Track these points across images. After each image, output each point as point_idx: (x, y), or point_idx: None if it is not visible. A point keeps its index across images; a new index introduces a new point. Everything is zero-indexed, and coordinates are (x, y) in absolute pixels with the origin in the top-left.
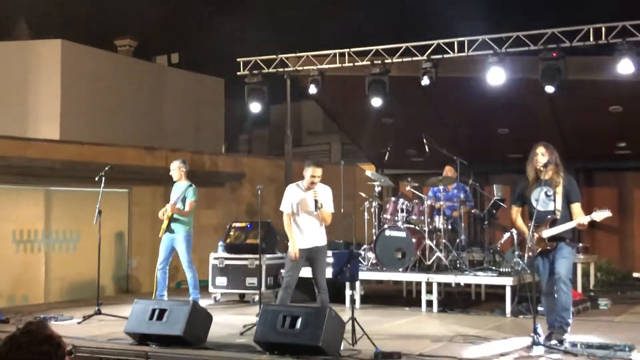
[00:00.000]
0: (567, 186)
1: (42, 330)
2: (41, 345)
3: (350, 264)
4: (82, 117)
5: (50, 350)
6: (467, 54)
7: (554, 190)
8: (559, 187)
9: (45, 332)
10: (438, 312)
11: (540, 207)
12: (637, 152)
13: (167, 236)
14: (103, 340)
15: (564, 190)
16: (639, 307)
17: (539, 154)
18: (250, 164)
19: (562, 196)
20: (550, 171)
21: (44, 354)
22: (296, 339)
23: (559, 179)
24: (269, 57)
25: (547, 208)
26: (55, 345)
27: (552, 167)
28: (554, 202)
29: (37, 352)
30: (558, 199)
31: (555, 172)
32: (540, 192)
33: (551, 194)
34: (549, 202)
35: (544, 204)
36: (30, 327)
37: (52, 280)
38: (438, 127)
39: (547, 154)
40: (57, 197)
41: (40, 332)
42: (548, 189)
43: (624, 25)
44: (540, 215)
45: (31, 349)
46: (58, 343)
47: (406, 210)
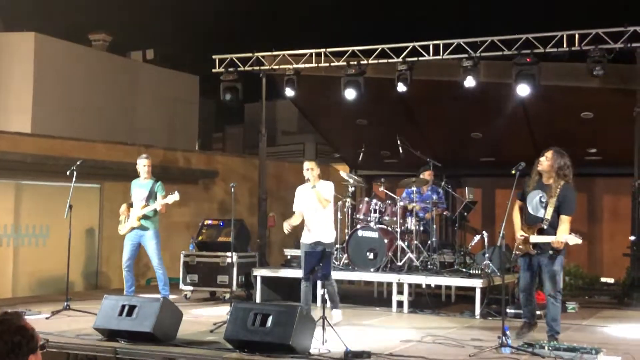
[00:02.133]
0: (561, 198)
1: (17, 321)
2: (14, 336)
3: (322, 263)
4: (54, 111)
5: (22, 341)
6: (442, 57)
7: (548, 198)
8: (554, 199)
9: (19, 323)
10: (408, 313)
11: (532, 210)
12: (607, 158)
13: (134, 233)
14: (72, 336)
15: (557, 202)
16: (606, 311)
17: (543, 157)
18: (224, 162)
19: (554, 208)
20: (551, 177)
21: (16, 345)
22: (267, 337)
23: (557, 189)
24: (245, 55)
25: (538, 214)
26: (28, 337)
27: (553, 172)
28: (545, 211)
29: (10, 341)
30: (549, 210)
31: (556, 180)
32: (536, 195)
33: (545, 201)
34: (541, 209)
35: (535, 209)
36: (5, 317)
37: (21, 275)
38: (412, 129)
39: (550, 160)
40: (27, 191)
41: (14, 323)
42: (543, 195)
43: (597, 33)
44: (531, 218)
45: (4, 338)
46: (31, 335)
47: (379, 210)
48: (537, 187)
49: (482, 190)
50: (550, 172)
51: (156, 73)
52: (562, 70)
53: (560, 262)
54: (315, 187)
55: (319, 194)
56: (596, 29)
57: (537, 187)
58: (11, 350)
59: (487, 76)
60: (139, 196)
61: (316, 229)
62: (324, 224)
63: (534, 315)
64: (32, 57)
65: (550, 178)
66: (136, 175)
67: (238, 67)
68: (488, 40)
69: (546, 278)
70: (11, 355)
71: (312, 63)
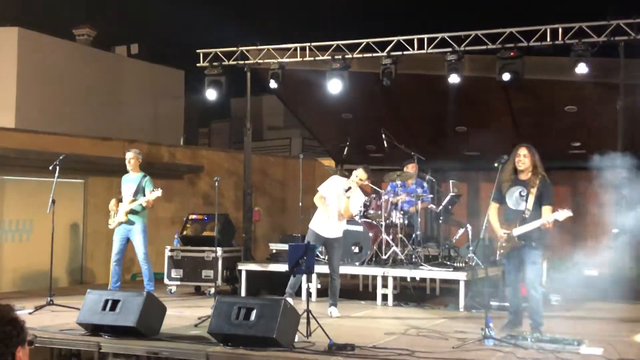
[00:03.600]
0: (542, 188)
1: (8, 313)
2: (5, 326)
3: (306, 256)
4: (38, 106)
5: (12, 332)
6: (427, 51)
7: (528, 190)
8: (534, 189)
9: (10, 315)
10: (393, 306)
11: (513, 206)
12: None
13: (123, 227)
14: (55, 330)
15: (537, 191)
16: (589, 303)
17: (521, 156)
18: (209, 156)
19: (535, 197)
20: (529, 172)
21: (7, 335)
22: (250, 330)
23: (537, 181)
24: (230, 50)
25: (519, 207)
26: (19, 329)
27: (531, 168)
28: (525, 203)
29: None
30: (530, 199)
31: (534, 173)
32: (515, 191)
33: (525, 194)
34: (522, 202)
35: (516, 203)
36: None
37: (4, 271)
38: (397, 123)
39: (529, 156)
40: (10, 187)
41: (5, 314)
42: (523, 190)
43: (580, 26)
44: (512, 213)
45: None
46: (21, 327)
47: (364, 204)
48: (515, 184)
49: (467, 183)
50: (529, 168)
51: (141, 68)
52: (546, 64)
53: (540, 253)
54: (350, 198)
55: (348, 203)
56: (579, 23)
57: (515, 183)
58: (1, 340)
59: (471, 70)
60: (127, 191)
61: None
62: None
63: (519, 310)
64: (15, 52)
65: (529, 174)
66: (121, 170)
67: (223, 62)
68: (472, 34)
69: (528, 269)
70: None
71: (297, 57)
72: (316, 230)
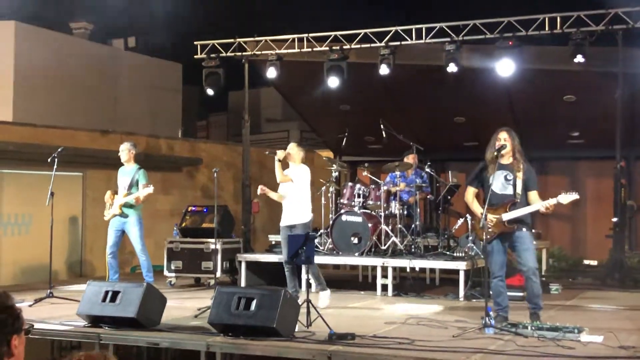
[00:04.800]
0: (528, 173)
1: (5, 300)
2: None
3: (305, 246)
4: (35, 100)
5: (8, 320)
6: (425, 41)
7: (514, 175)
8: (520, 173)
9: (7, 302)
10: (393, 296)
11: (498, 190)
12: (590, 141)
13: (117, 220)
14: (55, 322)
15: (524, 176)
16: (588, 293)
17: (501, 139)
18: (208, 149)
19: (522, 182)
20: (510, 157)
21: (2, 322)
22: (250, 320)
23: (520, 165)
24: (227, 41)
25: (505, 192)
26: (15, 316)
27: (512, 153)
28: (514, 187)
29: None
30: (518, 184)
31: (516, 158)
32: (500, 175)
33: (511, 179)
34: (508, 185)
35: (502, 188)
36: None
37: (4, 264)
38: (395, 114)
39: (509, 140)
40: (9, 180)
41: (3, 301)
42: (508, 174)
43: (578, 15)
44: (497, 197)
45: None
46: (18, 315)
47: (363, 195)
48: (498, 168)
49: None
50: (510, 152)
51: (139, 61)
52: (544, 54)
53: (532, 239)
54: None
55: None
56: (578, 12)
57: (499, 167)
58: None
59: (469, 60)
60: (122, 184)
61: (289, 210)
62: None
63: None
64: (12, 46)
65: (510, 157)
66: (119, 163)
67: (220, 53)
68: (470, 24)
69: (525, 254)
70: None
71: (295, 48)
72: (282, 223)
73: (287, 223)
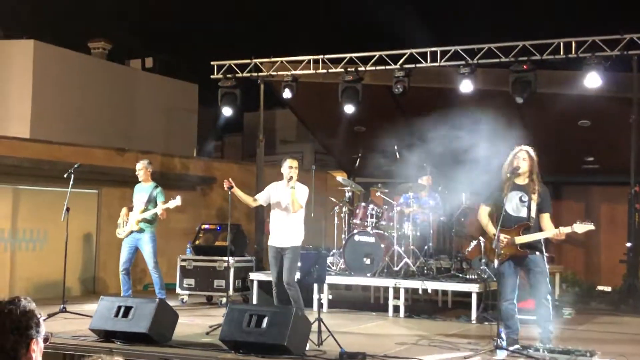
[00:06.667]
0: (543, 195)
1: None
2: (22, 316)
3: (317, 265)
4: (52, 118)
5: (29, 323)
6: (439, 64)
7: (529, 197)
8: (535, 195)
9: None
10: (405, 318)
11: (512, 211)
12: (605, 166)
13: (132, 236)
14: (67, 337)
15: (539, 198)
16: (602, 318)
17: (520, 158)
18: (222, 168)
19: (537, 204)
20: (527, 177)
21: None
22: (262, 337)
23: (536, 187)
24: (243, 62)
25: (520, 214)
26: (36, 321)
27: (529, 174)
28: (528, 210)
29: (17, 321)
30: (533, 207)
31: (533, 179)
32: (515, 196)
33: (526, 200)
34: (523, 208)
35: (516, 209)
36: (17, 298)
37: (18, 280)
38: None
39: (528, 160)
40: (25, 196)
41: (25, 305)
42: (523, 195)
43: (593, 40)
44: (511, 219)
45: (11, 317)
46: (38, 320)
47: (376, 215)
48: (514, 188)
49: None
50: (527, 173)
51: (155, 81)
52: (559, 78)
53: (546, 264)
54: (294, 188)
55: (294, 194)
56: (593, 37)
57: (513, 188)
58: (16, 329)
59: (483, 83)
60: (139, 200)
61: (283, 232)
62: (291, 227)
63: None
64: (31, 65)
65: (527, 178)
66: (134, 181)
67: (236, 74)
68: (485, 47)
69: (538, 279)
70: (15, 333)
71: (310, 69)
72: (269, 242)
73: (279, 244)
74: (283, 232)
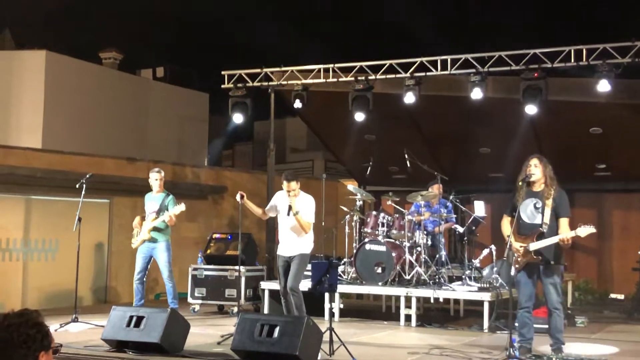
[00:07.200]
0: (557, 200)
1: (36, 317)
2: (31, 329)
3: (329, 274)
4: (64, 129)
5: (37, 336)
6: (450, 72)
7: (543, 203)
8: (549, 200)
9: (37, 319)
10: (416, 327)
11: (527, 219)
12: (617, 173)
13: (146, 246)
14: (79, 346)
15: (553, 203)
16: (615, 326)
17: (532, 166)
18: (233, 177)
19: (551, 209)
20: (542, 184)
21: (31, 338)
22: (273, 347)
23: (551, 192)
24: (254, 71)
25: (534, 221)
26: (44, 333)
27: (543, 180)
28: (542, 215)
29: (25, 333)
30: (547, 212)
31: (547, 185)
32: (529, 203)
33: (540, 207)
34: (537, 214)
35: (531, 216)
36: (25, 311)
37: (30, 290)
38: (420, 144)
39: (540, 166)
40: (37, 206)
41: (33, 317)
42: (538, 202)
43: (604, 47)
44: (526, 226)
45: (20, 330)
46: (47, 332)
47: (387, 224)
48: (529, 196)
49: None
50: (541, 179)
51: (166, 91)
52: (570, 85)
53: (561, 271)
54: (298, 214)
55: (300, 220)
56: (604, 44)
57: (528, 195)
58: (24, 342)
59: (494, 91)
60: (150, 209)
61: (291, 241)
62: (296, 237)
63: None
64: (43, 75)
65: (542, 185)
66: (146, 190)
67: (247, 83)
68: (496, 55)
69: (549, 288)
70: (23, 346)
71: (320, 78)
72: (278, 252)
73: (287, 254)
74: (291, 242)
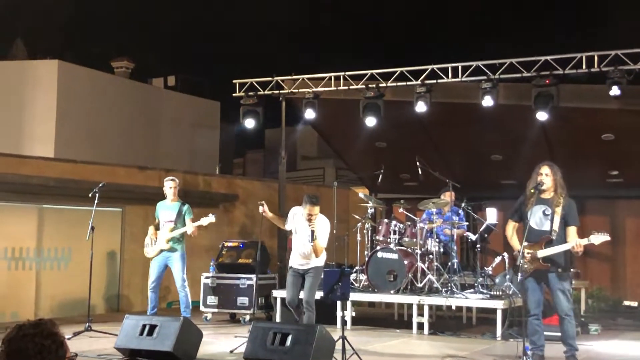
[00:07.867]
0: (567, 208)
1: (51, 327)
2: (45, 339)
3: (341, 282)
4: (77, 138)
5: (52, 347)
6: (461, 79)
7: (553, 210)
8: (559, 208)
9: (52, 329)
10: (429, 335)
11: (536, 225)
12: (629, 180)
13: (163, 255)
14: (93, 355)
15: (562, 211)
16: (629, 334)
17: (543, 174)
18: (244, 185)
19: (560, 217)
20: (552, 191)
21: (46, 348)
22: (286, 356)
23: (560, 200)
24: (265, 80)
25: (543, 227)
26: (58, 343)
27: (553, 187)
28: (551, 222)
29: (40, 344)
30: (556, 220)
31: (557, 192)
32: (538, 210)
33: (549, 214)
34: (546, 221)
35: (540, 223)
36: (40, 321)
37: (43, 298)
38: (432, 152)
39: (551, 174)
40: (50, 215)
41: (48, 328)
42: (547, 208)
43: (616, 54)
44: (535, 233)
45: (35, 340)
46: (61, 342)
47: (399, 232)
48: (538, 202)
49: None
50: (552, 187)
51: (177, 99)
52: (582, 92)
53: (568, 278)
54: (316, 239)
55: (317, 246)
56: (615, 50)
57: (537, 202)
58: (39, 352)
59: (506, 98)
60: (166, 218)
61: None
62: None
63: (543, 344)
64: (55, 84)
65: (551, 192)
66: (158, 199)
67: (258, 91)
68: (507, 62)
69: (559, 296)
70: (38, 357)
71: (331, 86)
72: (290, 263)
73: (301, 267)
74: (305, 258)
